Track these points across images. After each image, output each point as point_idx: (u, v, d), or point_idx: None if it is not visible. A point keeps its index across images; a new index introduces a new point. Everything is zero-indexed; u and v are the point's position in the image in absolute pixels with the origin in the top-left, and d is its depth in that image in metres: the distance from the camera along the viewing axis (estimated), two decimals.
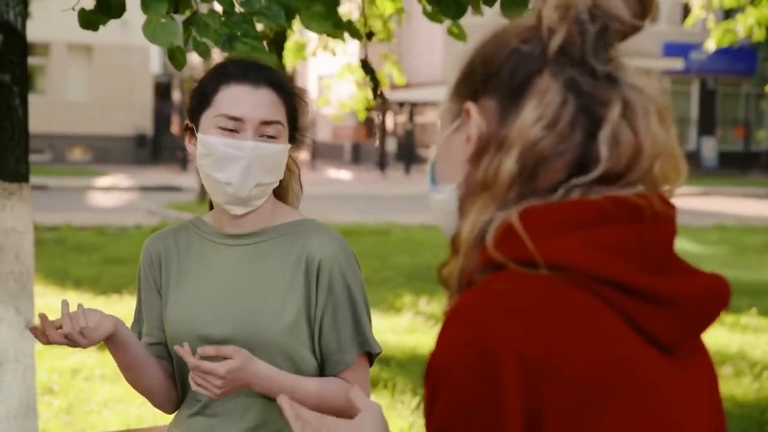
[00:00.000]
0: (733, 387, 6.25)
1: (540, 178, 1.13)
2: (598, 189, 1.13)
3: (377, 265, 10.93)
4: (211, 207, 2.26)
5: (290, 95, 2.16)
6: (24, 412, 3.45)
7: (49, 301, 8.45)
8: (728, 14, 11.62)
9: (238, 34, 2.82)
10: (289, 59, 10.41)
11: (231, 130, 2.08)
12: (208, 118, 2.11)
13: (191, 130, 2.16)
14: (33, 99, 26.53)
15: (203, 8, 3.00)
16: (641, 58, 1.23)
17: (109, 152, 27.51)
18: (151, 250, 2.23)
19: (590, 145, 1.13)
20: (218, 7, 2.96)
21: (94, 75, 27.10)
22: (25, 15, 3.42)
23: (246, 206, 2.13)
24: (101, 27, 3.10)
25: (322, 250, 2.12)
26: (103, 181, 22.23)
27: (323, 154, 32.79)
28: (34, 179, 14.69)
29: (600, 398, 1.06)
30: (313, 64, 25.02)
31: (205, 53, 2.90)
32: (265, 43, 3.29)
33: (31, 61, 25.57)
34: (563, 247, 1.09)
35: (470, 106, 1.18)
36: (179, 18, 2.95)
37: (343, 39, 3.31)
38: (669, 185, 1.17)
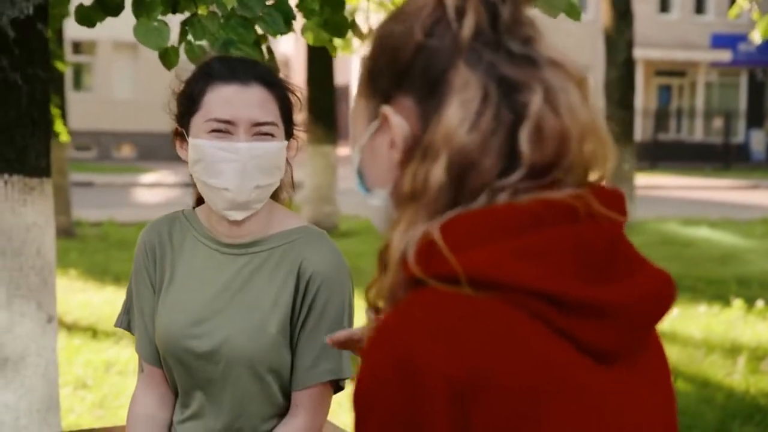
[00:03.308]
0: None
1: (469, 183, 1.06)
2: (527, 187, 1.06)
3: None
4: (199, 202, 2.19)
5: (282, 90, 2.07)
6: (46, 407, 3.46)
7: (89, 296, 8.54)
8: None
9: (235, 39, 2.81)
10: (339, 52, 10.41)
11: (223, 132, 2.00)
12: (197, 122, 2.02)
13: (181, 135, 2.07)
14: (79, 96, 26.81)
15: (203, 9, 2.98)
16: (689, 50, 1.15)
17: (154, 149, 27.70)
18: (146, 242, 2.17)
19: (516, 138, 1.05)
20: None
21: (139, 72, 27.31)
22: (47, 9, 3.41)
23: (246, 210, 2.05)
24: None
25: (315, 265, 2.06)
26: (148, 177, 22.40)
27: None
28: (80, 176, 14.82)
29: (532, 413, 1.00)
30: (355, 59, 24.99)
31: (196, 56, 2.88)
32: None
33: (78, 59, 26.15)
34: (487, 259, 1.01)
35: (387, 111, 1.11)
36: (177, 17, 2.94)
37: (334, 52, 3.31)
38: (600, 166, 1.10)
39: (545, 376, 1.01)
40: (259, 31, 2.93)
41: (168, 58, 2.91)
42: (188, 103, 2.05)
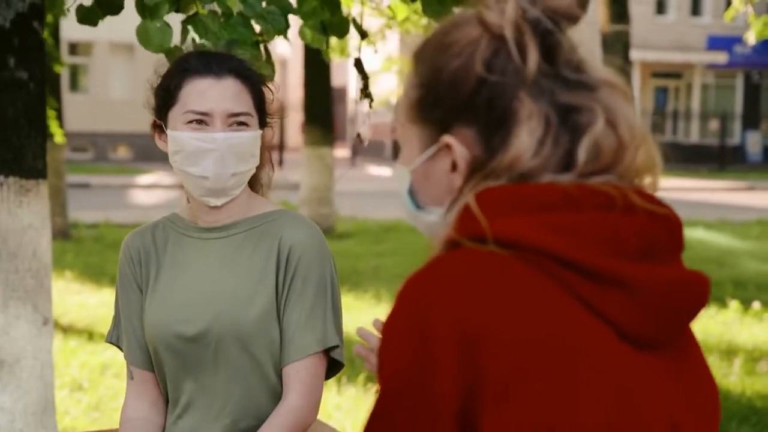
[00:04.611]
0: None
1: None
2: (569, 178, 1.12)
3: (416, 262, 10.87)
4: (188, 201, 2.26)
5: (256, 82, 2.16)
6: (42, 409, 3.45)
7: (85, 298, 8.53)
8: None
9: (238, 39, 2.82)
10: (334, 56, 10.40)
11: (200, 123, 2.08)
12: (175, 114, 2.11)
13: (159, 128, 2.15)
14: (76, 98, 26.70)
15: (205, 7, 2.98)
16: (685, 52, 1.20)
17: (150, 150, 27.65)
18: (130, 248, 2.23)
19: (573, 151, 1.12)
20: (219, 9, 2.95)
21: (136, 73, 27.26)
22: (42, 10, 3.40)
23: (224, 196, 2.13)
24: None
25: (294, 238, 2.13)
26: (145, 178, 22.39)
27: (364, 150, 32.79)
28: (76, 178, 14.75)
29: (536, 367, 1.04)
30: (352, 61, 24.98)
31: None
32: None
33: (74, 60, 26.13)
34: (517, 225, 1.08)
35: (450, 141, 1.16)
36: (179, 17, 2.94)
37: (328, 57, 3.32)
38: (649, 175, 1.15)
39: (555, 338, 1.05)
40: (257, 29, 2.93)
41: (173, 58, 2.92)
42: (166, 96, 2.13)
